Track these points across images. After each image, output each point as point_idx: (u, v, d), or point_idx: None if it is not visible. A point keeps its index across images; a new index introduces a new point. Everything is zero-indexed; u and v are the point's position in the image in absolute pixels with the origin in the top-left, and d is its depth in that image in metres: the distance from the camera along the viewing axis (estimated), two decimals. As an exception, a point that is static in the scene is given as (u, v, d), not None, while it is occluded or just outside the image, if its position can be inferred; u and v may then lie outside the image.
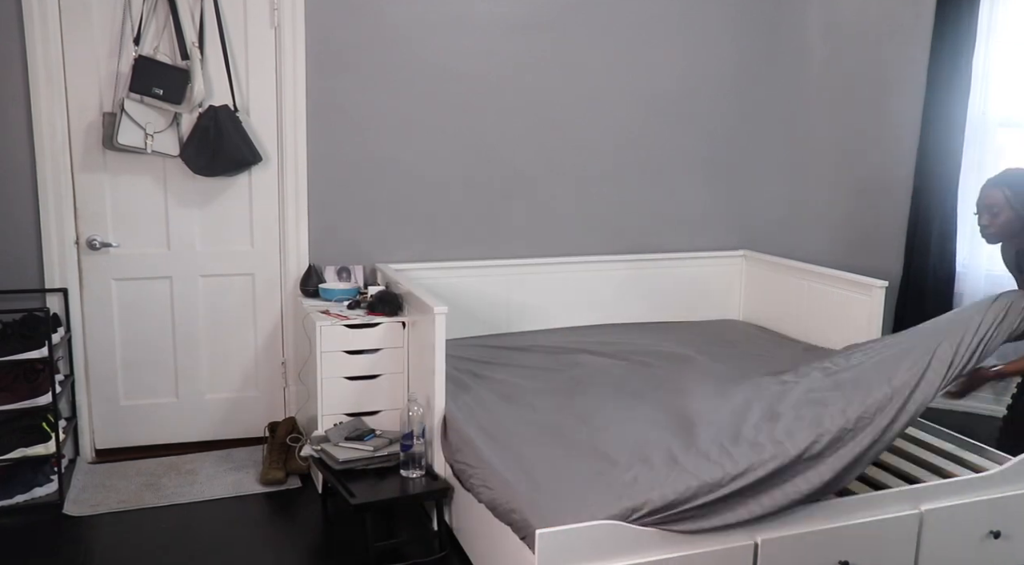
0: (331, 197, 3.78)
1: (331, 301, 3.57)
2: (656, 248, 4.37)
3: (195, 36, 3.46)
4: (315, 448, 3.09)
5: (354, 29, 3.70)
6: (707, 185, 4.44)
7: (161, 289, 3.65)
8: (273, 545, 2.98)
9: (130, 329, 3.62)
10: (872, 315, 3.56)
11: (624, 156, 4.24)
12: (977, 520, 2.66)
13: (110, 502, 3.22)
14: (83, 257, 3.52)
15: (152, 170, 3.56)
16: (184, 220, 3.63)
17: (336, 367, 3.28)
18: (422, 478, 2.93)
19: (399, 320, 3.34)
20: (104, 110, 3.41)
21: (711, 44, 4.31)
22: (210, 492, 3.33)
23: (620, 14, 4.11)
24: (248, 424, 3.82)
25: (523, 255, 4.13)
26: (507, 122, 4.01)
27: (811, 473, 2.42)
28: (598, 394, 3.15)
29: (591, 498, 2.32)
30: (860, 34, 4.38)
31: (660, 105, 4.26)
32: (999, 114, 4.15)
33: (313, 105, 3.69)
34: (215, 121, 3.46)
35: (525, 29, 3.96)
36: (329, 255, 3.81)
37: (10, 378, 3.12)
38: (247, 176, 3.67)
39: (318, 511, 3.21)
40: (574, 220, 4.21)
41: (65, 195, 3.42)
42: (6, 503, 3.15)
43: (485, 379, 3.31)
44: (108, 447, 3.67)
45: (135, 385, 3.67)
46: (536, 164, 4.09)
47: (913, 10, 4.25)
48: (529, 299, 4.10)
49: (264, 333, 3.81)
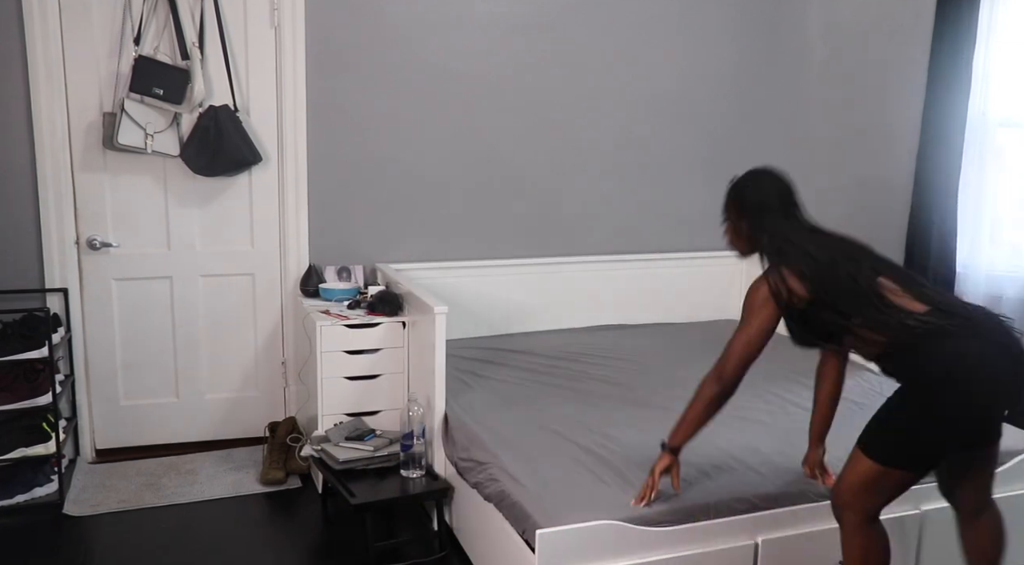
0: (331, 197, 3.78)
1: (331, 301, 3.57)
2: (656, 248, 4.36)
3: (195, 36, 3.46)
4: (315, 448, 3.09)
5: (354, 29, 3.70)
6: (707, 185, 4.42)
7: (161, 289, 3.65)
8: (273, 545, 2.98)
9: (130, 329, 3.62)
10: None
11: (624, 156, 4.24)
12: (977, 520, 2.65)
13: (110, 502, 3.22)
14: (83, 257, 3.52)
15: (152, 170, 3.56)
16: (184, 220, 3.63)
17: (336, 367, 3.28)
18: (422, 478, 2.93)
19: (399, 320, 3.34)
20: (104, 110, 3.41)
21: (711, 44, 4.31)
22: (210, 492, 3.33)
23: (620, 14, 4.11)
24: (248, 424, 3.82)
25: (523, 255, 4.13)
26: (507, 122, 4.01)
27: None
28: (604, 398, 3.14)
29: (598, 499, 2.32)
30: (860, 34, 4.38)
31: (660, 105, 4.26)
32: (999, 114, 4.15)
33: (313, 105, 3.69)
34: (215, 121, 3.46)
35: (525, 29, 3.96)
36: (329, 255, 3.81)
37: (10, 378, 3.12)
38: (247, 176, 3.67)
39: (318, 511, 3.21)
40: (574, 220, 4.21)
41: (65, 195, 3.42)
42: (6, 503, 3.15)
43: (487, 380, 3.31)
44: (108, 447, 3.67)
45: (135, 385, 3.67)
46: (536, 164, 4.09)
47: (913, 10, 4.25)
48: (529, 299, 4.10)
49: (264, 333, 3.81)
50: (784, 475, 2.50)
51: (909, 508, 2.56)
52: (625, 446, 2.66)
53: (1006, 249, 4.18)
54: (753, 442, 2.73)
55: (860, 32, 4.37)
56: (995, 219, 4.20)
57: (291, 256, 3.76)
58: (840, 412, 2.55)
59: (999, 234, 4.20)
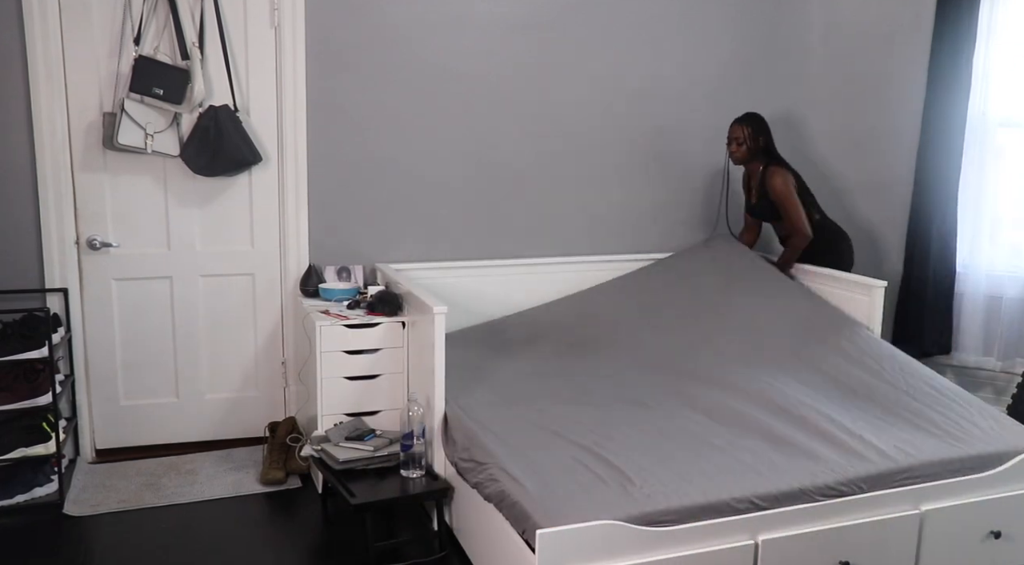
0: (331, 197, 3.78)
1: (331, 301, 3.57)
2: (656, 248, 4.37)
3: (195, 36, 3.46)
4: (315, 448, 3.09)
5: (354, 29, 3.70)
6: (707, 185, 4.44)
7: (161, 289, 3.65)
8: (273, 545, 2.98)
9: (130, 329, 3.62)
10: (872, 315, 3.55)
11: (624, 156, 4.24)
12: (977, 520, 2.66)
13: (110, 502, 3.22)
14: (83, 257, 3.52)
15: (152, 170, 3.56)
16: (184, 220, 3.63)
17: (336, 367, 3.28)
18: (422, 478, 2.93)
19: (399, 320, 3.34)
20: (104, 110, 3.41)
21: (711, 44, 4.31)
22: (210, 492, 3.33)
23: (620, 14, 4.11)
24: (248, 424, 3.82)
25: (523, 255, 4.13)
26: (507, 122, 4.01)
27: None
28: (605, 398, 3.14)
29: (598, 500, 2.33)
30: (860, 34, 4.38)
31: (660, 105, 4.26)
32: (999, 114, 4.15)
33: (313, 105, 3.69)
34: (215, 121, 3.46)
35: (525, 29, 3.96)
36: (329, 255, 3.81)
37: (10, 378, 3.12)
38: (247, 176, 3.67)
39: (318, 511, 3.21)
40: (574, 220, 4.21)
41: (65, 195, 3.42)
42: (6, 503, 3.15)
43: (488, 381, 3.31)
44: (108, 447, 3.67)
45: (135, 385, 3.67)
46: (536, 164, 4.09)
47: (913, 10, 4.25)
48: (529, 299, 4.10)
49: (264, 333, 3.81)
50: (784, 475, 2.50)
51: (909, 508, 2.56)
52: (625, 446, 2.66)
53: (1006, 249, 4.18)
54: (752, 442, 2.73)
55: (860, 32, 4.37)
56: (995, 219, 4.20)
57: (291, 256, 3.76)
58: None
59: (999, 234, 4.20)
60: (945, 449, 2.71)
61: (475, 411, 2.97)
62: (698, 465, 2.54)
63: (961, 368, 4.33)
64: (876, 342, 3.39)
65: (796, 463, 2.58)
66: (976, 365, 4.28)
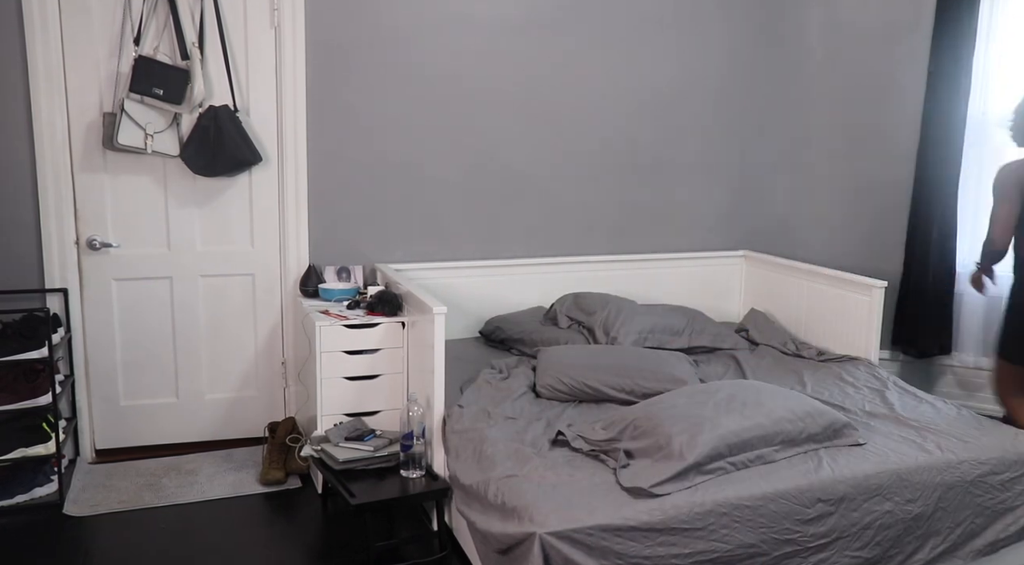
0: (331, 197, 3.79)
1: (331, 301, 3.57)
2: (656, 248, 4.37)
3: (195, 36, 3.46)
4: (315, 448, 3.09)
5: (354, 29, 3.70)
6: (707, 185, 4.44)
7: (161, 289, 3.65)
8: (273, 545, 2.98)
9: (130, 329, 3.62)
10: (872, 315, 3.56)
11: (624, 156, 4.25)
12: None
13: (110, 502, 3.22)
14: (83, 257, 3.52)
15: (152, 170, 3.56)
16: (184, 220, 3.63)
17: (336, 367, 3.28)
18: (422, 478, 2.93)
19: (398, 320, 3.34)
20: (104, 110, 3.42)
21: (711, 44, 4.31)
22: (210, 492, 3.33)
23: (620, 14, 4.11)
24: (248, 424, 3.82)
25: (523, 255, 4.13)
26: (507, 122, 4.01)
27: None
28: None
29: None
30: (860, 34, 4.38)
31: (660, 105, 4.26)
32: (999, 114, 4.14)
33: (313, 105, 3.69)
34: (215, 121, 3.46)
35: (525, 29, 3.96)
36: (329, 255, 3.81)
37: (10, 378, 3.12)
38: (247, 176, 3.67)
39: (318, 511, 3.21)
40: (574, 220, 4.21)
41: (65, 195, 3.43)
42: (6, 503, 3.16)
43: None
44: (108, 447, 3.67)
45: (135, 385, 3.67)
46: (536, 164, 4.09)
47: (913, 10, 4.25)
48: (529, 299, 4.10)
49: (264, 333, 3.81)
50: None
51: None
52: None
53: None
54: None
55: (860, 32, 4.37)
56: (995, 219, 4.19)
57: (291, 256, 3.76)
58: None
59: (999, 234, 4.18)
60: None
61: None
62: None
63: (961, 368, 4.33)
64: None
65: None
66: (976, 365, 4.28)
